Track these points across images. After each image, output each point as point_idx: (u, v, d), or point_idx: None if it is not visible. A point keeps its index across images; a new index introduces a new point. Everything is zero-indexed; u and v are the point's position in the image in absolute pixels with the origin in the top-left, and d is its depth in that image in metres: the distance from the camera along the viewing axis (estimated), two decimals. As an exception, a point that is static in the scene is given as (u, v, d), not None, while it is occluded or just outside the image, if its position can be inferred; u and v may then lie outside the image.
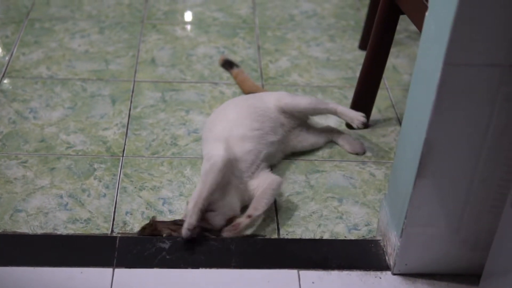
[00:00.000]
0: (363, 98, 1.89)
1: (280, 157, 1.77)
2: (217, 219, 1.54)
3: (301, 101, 1.79)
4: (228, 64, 2.10)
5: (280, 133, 1.74)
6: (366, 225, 1.62)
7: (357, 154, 1.83)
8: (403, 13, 1.74)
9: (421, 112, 1.31)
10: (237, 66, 2.08)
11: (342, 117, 1.80)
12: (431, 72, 1.26)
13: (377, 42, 1.80)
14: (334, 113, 1.80)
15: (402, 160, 1.43)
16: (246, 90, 1.99)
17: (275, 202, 1.66)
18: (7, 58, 2.11)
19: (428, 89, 1.27)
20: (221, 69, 2.12)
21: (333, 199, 1.69)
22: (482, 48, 1.21)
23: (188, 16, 2.42)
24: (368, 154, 1.84)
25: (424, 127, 1.29)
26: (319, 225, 1.61)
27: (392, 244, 1.47)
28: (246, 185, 1.62)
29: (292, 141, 1.79)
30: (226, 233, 1.54)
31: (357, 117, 1.75)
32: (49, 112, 1.91)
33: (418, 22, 1.60)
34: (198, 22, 2.38)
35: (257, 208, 1.56)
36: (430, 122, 1.28)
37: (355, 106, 1.90)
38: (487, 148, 1.31)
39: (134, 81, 2.05)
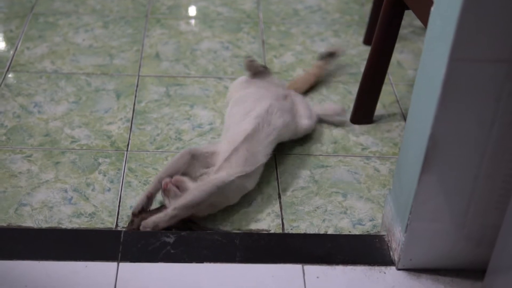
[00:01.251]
0: (368, 94, 1.89)
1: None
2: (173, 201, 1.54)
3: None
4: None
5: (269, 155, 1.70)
6: (370, 220, 1.62)
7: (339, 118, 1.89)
8: (408, 8, 1.74)
9: (426, 107, 1.31)
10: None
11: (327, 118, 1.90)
12: (436, 67, 1.26)
13: (381, 37, 1.79)
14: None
15: (406, 155, 1.43)
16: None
17: (279, 196, 1.67)
18: (11, 52, 2.11)
19: (433, 84, 1.27)
20: (226, 64, 2.12)
21: (338, 194, 1.69)
22: (488, 44, 1.21)
23: (192, 10, 2.42)
24: (373, 149, 1.84)
25: (429, 122, 1.29)
26: (324, 220, 1.62)
27: (397, 239, 1.47)
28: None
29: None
30: (142, 227, 1.53)
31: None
32: (53, 106, 1.91)
33: (423, 17, 1.60)
34: (202, 16, 2.38)
35: (174, 205, 1.53)
36: (435, 118, 1.28)
37: (360, 101, 1.90)
38: (492, 144, 1.31)
39: (139, 75, 2.05)
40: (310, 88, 2.02)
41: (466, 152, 1.32)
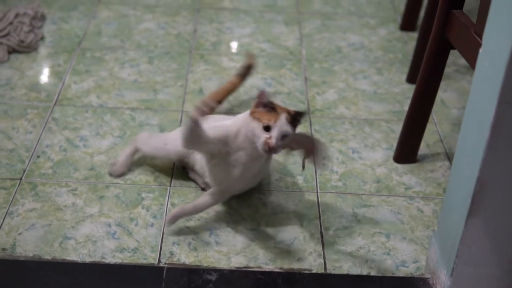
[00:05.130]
0: (412, 133, 1.88)
1: None
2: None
3: None
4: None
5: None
6: (414, 262, 1.60)
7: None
8: (453, 48, 1.73)
9: (473, 150, 1.29)
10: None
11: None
12: (485, 110, 1.25)
13: (426, 76, 1.79)
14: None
15: (453, 197, 1.41)
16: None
17: (321, 235, 1.66)
18: (59, 86, 2.16)
19: (482, 127, 1.26)
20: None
21: (381, 234, 1.68)
22: (539, 87, 1.19)
23: (235, 47, 2.45)
24: (416, 189, 1.82)
25: (477, 165, 1.28)
26: (366, 261, 1.60)
27: (442, 283, 1.44)
28: None
29: None
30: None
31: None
32: (98, 140, 1.94)
33: (470, 57, 1.59)
34: (245, 53, 2.40)
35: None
36: (483, 161, 1.26)
37: (403, 140, 1.89)
38: (542, 188, 1.28)
39: (182, 111, 2.07)
40: (225, 97, 1.99)
41: (515, 196, 1.30)
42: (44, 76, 2.22)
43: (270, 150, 1.50)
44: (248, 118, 1.55)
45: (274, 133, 1.50)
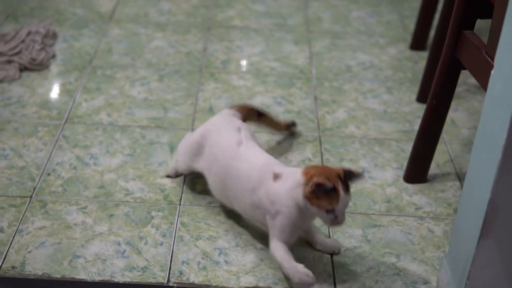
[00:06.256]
0: (422, 152, 1.87)
1: None
2: None
3: None
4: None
5: None
6: (424, 283, 1.59)
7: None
8: (464, 68, 1.73)
9: (485, 171, 1.29)
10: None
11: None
12: (497, 132, 1.24)
13: (437, 96, 1.78)
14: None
15: (464, 219, 1.40)
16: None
17: (331, 256, 1.65)
18: (70, 104, 2.17)
19: (494, 149, 1.25)
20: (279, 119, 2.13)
21: (391, 255, 1.67)
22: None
23: (245, 65, 2.46)
24: (427, 209, 1.81)
25: (489, 187, 1.27)
26: (377, 282, 1.59)
27: (453, 305, 1.43)
28: None
29: None
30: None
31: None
32: (108, 158, 1.94)
33: (481, 78, 1.59)
34: (255, 71, 2.41)
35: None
36: (495, 182, 1.25)
37: (414, 160, 1.88)
38: (555, 210, 1.27)
39: (192, 129, 2.07)
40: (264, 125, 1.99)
41: (527, 218, 1.29)
42: (55, 94, 2.23)
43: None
44: (301, 199, 1.49)
45: (339, 213, 1.47)
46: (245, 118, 1.84)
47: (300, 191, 1.49)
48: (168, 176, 1.87)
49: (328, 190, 1.45)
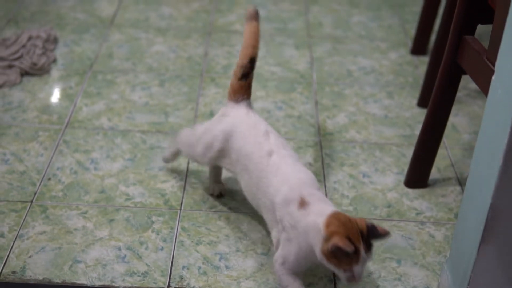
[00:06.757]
0: (423, 157, 1.87)
1: None
2: None
3: None
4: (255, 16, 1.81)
5: None
6: (425, 289, 1.59)
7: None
8: (465, 73, 1.73)
9: (486, 176, 1.29)
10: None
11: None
12: (498, 136, 1.24)
13: (438, 101, 1.78)
14: None
15: (465, 224, 1.40)
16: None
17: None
18: (70, 109, 2.17)
19: (494, 154, 1.25)
20: (279, 124, 2.13)
21: (392, 260, 1.67)
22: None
23: (246, 70, 2.45)
24: (428, 214, 1.81)
25: (490, 192, 1.27)
26: (377, 287, 1.59)
27: (454, 310, 1.43)
28: None
29: None
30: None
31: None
32: (109, 163, 1.94)
33: (482, 83, 1.59)
34: (256, 76, 2.39)
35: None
36: (496, 188, 1.25)
37: (414, 165, 1.88)
38: (556, 216, 1.27)
39: (193, 134, 2.07)
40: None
41: (528, 224, 1.29)
42: (56, 99, 2.24)
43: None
44: (318, 250, 1.40)
45: (357, 273, 1.38)
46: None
47: (319, 242, 1.39)
48: (165, 161, 1.92)
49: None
